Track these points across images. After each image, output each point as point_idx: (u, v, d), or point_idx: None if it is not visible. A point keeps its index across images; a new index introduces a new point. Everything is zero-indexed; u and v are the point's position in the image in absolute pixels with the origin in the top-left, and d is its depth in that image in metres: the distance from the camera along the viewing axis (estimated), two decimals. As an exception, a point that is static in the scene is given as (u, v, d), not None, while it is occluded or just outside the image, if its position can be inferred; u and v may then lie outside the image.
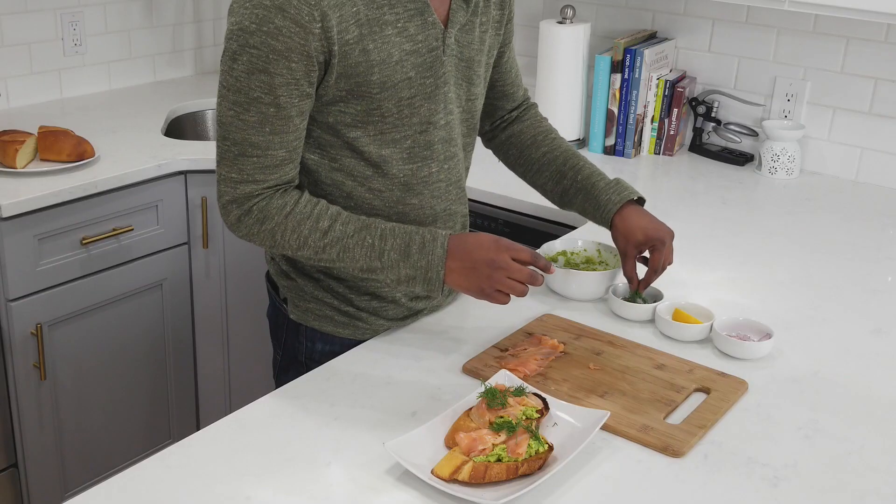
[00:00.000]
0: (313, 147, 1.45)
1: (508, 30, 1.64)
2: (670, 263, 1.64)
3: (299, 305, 1.58)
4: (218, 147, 1.39)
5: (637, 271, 1.65)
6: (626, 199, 1.62)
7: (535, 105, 1.80)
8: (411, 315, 1.61)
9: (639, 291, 1.66)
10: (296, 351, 1.62)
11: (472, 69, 1.52)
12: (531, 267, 1.40)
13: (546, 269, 1.43)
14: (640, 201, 1.66)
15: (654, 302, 1.67)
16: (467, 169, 1.64)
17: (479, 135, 1.75)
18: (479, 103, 1.59)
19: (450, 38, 1.45)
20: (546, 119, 1.79)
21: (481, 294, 1.39)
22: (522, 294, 1.39)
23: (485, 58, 1.55)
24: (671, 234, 1.62)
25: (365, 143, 1.44)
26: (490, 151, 1.82)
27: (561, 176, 1.68)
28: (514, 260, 1.38)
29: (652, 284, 1.69)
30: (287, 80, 1.32)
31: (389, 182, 1.48)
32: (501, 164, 1.81)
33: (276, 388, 1.48)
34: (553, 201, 1.72)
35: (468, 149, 1.61)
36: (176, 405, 2.64)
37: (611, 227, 1.63)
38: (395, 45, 1.38)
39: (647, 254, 1.65)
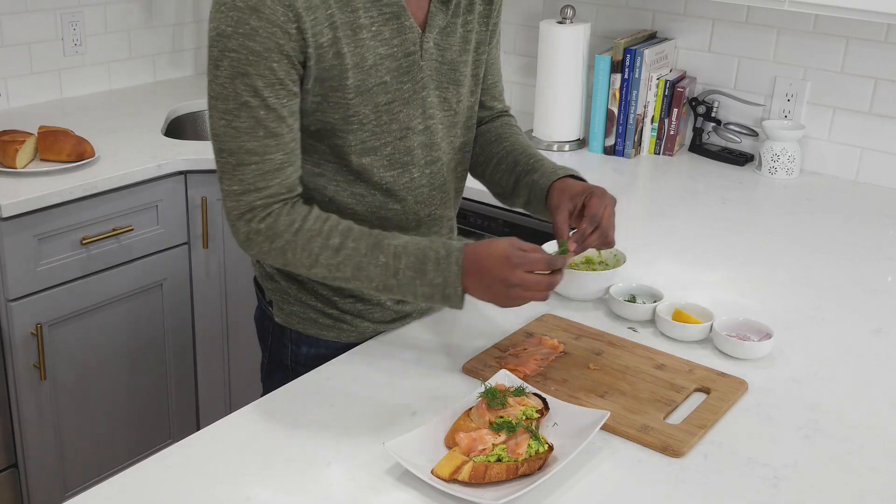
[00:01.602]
0: None
1: (494, 26, 1.57)
2: (607, 228, 1.43)
3: (284, 308, 1.57)
4: (217, 162, 1.36)
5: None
6: (572, 174, 1.52)
7: (507, 111, 1.71)
8: (398, 318, 1.59)
9: (566, 245, 1.42)
10: (282, 355, 1.60)
11: (456, 71, 1.49)
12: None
13: (563, 264, 1.37)
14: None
15: (654, 302, 1.67)
16: (464, 171, 1.61)
17: None
18: (470, 102, 1.55)
19: (428, 43, 1.43)
20: (516, 126, 1.68)
21: (502, 305, 1.37)
22: (544, 300, 1.37)
23: (472, 56, 1.53)
24: (613, 198, 1.47)
25: (346, 152, 1.42)
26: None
27: (514, 164, 1.58)
28: (529, 272, 1.33)
29: (650, 284, 1.69)
30: (270, 80, 1.30)
31: (371, 187, 1.46)
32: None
33: (264, 391, 1.48)
34: (505, 196, 1.62)
35: (465, 149, 1.58)
36: (176, 405, 2.64)
37: (549, 192, 1.50)
38: (370, 48, 1.36)
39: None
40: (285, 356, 1.60)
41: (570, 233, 1.46)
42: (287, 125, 1.34)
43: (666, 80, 2.61)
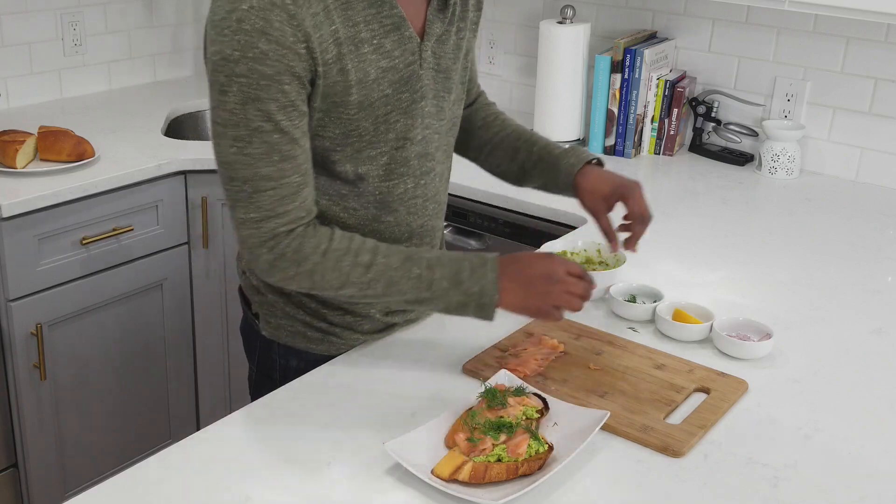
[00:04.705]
0: None
1: (476, 26, 1.58)
2: (650, 217, 1.53)
3: (271, 322, 1.54)
4: (227, 190, 1.31)
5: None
6: (586, 160, 1.58)
7: (483, 93, 1.75)
8: (386, 328, 1.57)
9: (626, 247, 1.54)
10: (269, 368, 1.58)
11: (450, 79, 1.47)
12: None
13: (592, 285, 1.39)
14: (600, 163, 1.61)
15: (654, 302, 1.67)
16: (448, 180, 1.59)
17: None
18: (458, 109, 1.54)
19: (426, 52, 1.40)
20: (494, 104, 1.75)
21: (538, 312, 1.36)
22: (578, 309, 1.36)
23: (461, 63, 1.50)
24: (638, 183, 1.53)
25: (342, 162, 1.39)
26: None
27: (515, 151, 1.63)
28: (569, 273, 1.36)
29: (650, 284, 1.69)
30: (283, 103, 1.26)
31: (365, 200, 1.43)
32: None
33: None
34: (510, 180, 1.68)
35: (448, 152, 1.56)
36: (176, 405, 2.64)
37: (575, 190, 1.57)
38: (372, 62, 1.33)
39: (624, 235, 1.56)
40: (273, 370, 1.57)
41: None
42: (300, 146, 1.31)
43: (666, 80, 2.61)
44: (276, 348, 1.55)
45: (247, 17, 1.21)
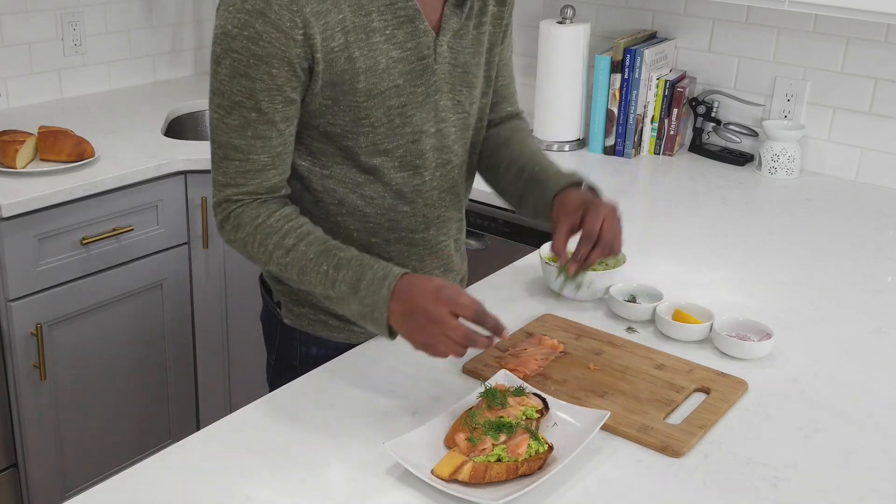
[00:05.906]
0: (305, 154, 1.44)
1: (506, 26, 1.57)
2: (603, 242, 1.41)
3: (293, 310, 1.57)
4: (211, 150, 1.41)
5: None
6: (575, 181, 1.48)
7: (517, 114, 1.68)
8: None
9: (567, 270, 1.44)
10: (290, 356, 1.60)
11: (469, 73, 1.49)
12: (475, 326, 1.27)
13: (496, 332, 1.27)
14: (593, 190, 1.50)
15: (654, 302, 1.67)
16: (472, 171, 1.61)
17: None
18: (485, 102, 1.56)
19: (441, 46, 1.42)
20: (529, 129, 1.67)
21: (421, 346, 1.28)
22: (457, 354, 1.26)
23: (484, 57, 1.53)
24: (612, 207, 1.43)
25: (356, 152, 1.43)
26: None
27: (521, 171, 1.55)
28: (454, 314, 1.25)
29: (650, 284, 1.69)
30: (268, 85, 1.31)
31: (381, 189, 1.47)
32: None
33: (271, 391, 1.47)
34: (515, 206, 1.60)
35: (474, 150, 1.59)
36: (176, 405, 2.64)
37: (551, 206, 1.48)
38: (383, 52, 1.36)
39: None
40: (294, 357, 1.60)
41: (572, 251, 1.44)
42: (277, 130, 1.36)
43: (666, 80, 2.61)
44: (298, 336, 1.58)
45: None
